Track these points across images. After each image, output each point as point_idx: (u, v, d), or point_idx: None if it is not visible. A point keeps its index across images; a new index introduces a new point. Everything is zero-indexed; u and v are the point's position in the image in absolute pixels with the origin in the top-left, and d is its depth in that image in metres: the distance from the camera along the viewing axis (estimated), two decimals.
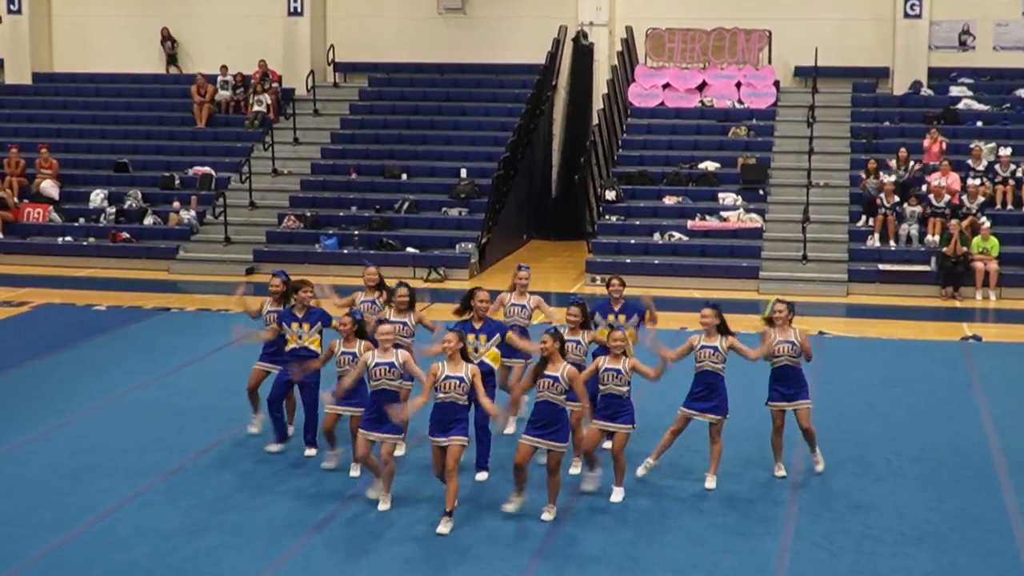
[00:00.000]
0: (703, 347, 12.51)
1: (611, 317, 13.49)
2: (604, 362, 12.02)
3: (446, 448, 11.41)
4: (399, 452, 12.97)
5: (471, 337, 12.64)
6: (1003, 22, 30.06)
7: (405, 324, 13.31)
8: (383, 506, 11.94)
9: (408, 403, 11.96)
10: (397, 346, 12.14)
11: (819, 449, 13.12)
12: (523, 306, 13.92)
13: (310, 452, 13.53)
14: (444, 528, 11.34)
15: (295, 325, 13.31)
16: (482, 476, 12.80)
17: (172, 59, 33.27)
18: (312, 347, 13.31)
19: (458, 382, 11.36)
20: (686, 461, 13.08)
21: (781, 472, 12.97)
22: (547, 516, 11.72)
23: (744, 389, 13.79)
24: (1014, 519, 11.94)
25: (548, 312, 14.22)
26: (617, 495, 12.26)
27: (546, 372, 11.54)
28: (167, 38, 33.09)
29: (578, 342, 12.67)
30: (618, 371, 11.95)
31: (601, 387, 12.05)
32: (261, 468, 13.18)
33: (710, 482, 12.68)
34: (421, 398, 11.47)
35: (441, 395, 11.39)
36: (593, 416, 12.22)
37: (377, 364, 11.73)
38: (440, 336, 12.16)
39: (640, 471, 12.64)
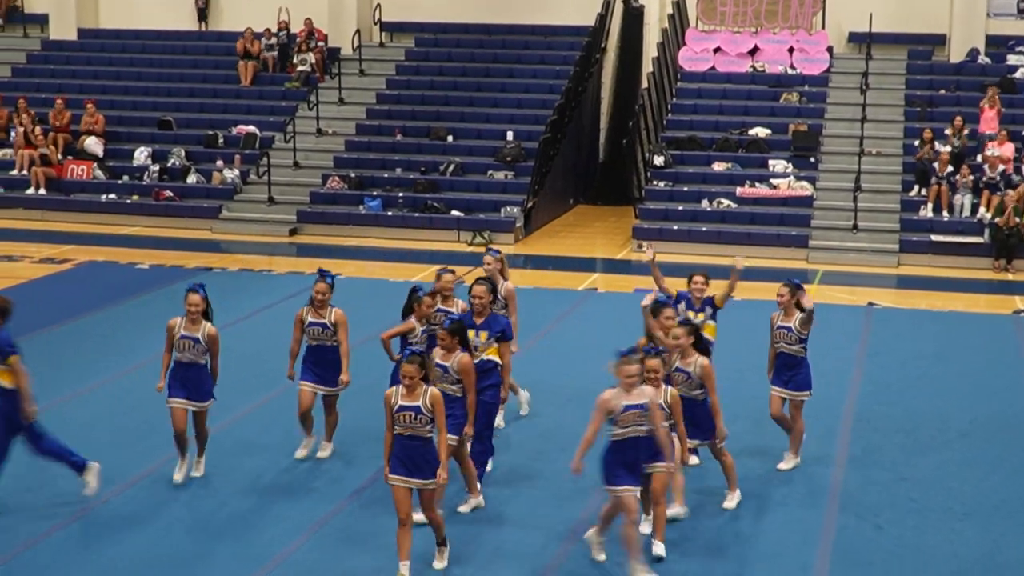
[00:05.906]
0: (779, 327, 11.92)
1: (690, 313, 12.50)
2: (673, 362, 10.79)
3: (418, 490, 9.52)
4: None
5: (471, 334, 11.18)
6: None
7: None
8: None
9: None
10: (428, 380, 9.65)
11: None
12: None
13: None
14: (439, 564, 9.93)
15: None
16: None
17: (202, 14, 33.08)
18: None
19: (414, 414, 9.32)
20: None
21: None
22: None
23: None
24: None
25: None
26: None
27: (630, 402, 9.49)
28: None
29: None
30: (687, 373, 10.76)
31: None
32: (286, 446, 12.71)
33: (788, 462, 12.22)
34: (388, 433, 9.49)
35: (399, 428, 9.36)
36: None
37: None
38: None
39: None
